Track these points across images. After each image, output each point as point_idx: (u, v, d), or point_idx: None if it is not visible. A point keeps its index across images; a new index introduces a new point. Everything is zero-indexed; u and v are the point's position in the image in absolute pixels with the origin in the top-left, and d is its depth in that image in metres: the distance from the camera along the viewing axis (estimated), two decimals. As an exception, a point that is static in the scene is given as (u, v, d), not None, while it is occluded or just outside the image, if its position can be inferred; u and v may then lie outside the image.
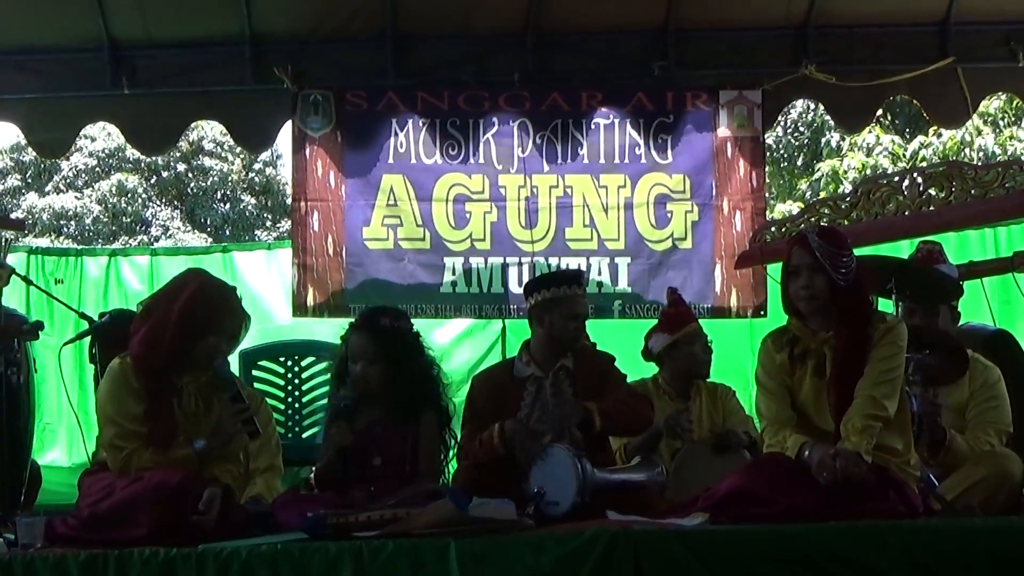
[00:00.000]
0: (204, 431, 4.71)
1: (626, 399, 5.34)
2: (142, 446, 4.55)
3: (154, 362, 4.66)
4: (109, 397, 4.68)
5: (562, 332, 5.41)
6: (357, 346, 5.12)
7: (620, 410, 5.24)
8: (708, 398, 6.34)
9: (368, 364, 5.07)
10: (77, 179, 23.16)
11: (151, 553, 3.90)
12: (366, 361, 5.08)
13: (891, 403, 4.45)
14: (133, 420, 4.60)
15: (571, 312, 5.40)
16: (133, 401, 4.62)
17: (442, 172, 8.18)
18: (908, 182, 6.74)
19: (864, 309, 4.63)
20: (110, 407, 4.65)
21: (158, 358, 4.66)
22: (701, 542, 3.96)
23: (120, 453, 4.57)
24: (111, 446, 4.62)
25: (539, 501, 4.73)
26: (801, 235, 4.71)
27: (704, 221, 8.13)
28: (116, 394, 4.65)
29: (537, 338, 5.50)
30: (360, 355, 5.09)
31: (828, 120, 16.02)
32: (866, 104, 8.34)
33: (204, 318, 4.70)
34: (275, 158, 24.70)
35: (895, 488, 4.39)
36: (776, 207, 16.74)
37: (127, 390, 4.63)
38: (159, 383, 4.66)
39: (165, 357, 4.65)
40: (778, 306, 4.91)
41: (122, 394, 4.64)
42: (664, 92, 8.23)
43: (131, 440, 4.57)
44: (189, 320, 4.66)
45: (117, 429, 4.60)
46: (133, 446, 4.56)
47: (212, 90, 8.27)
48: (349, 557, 3.85)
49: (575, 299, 5.43)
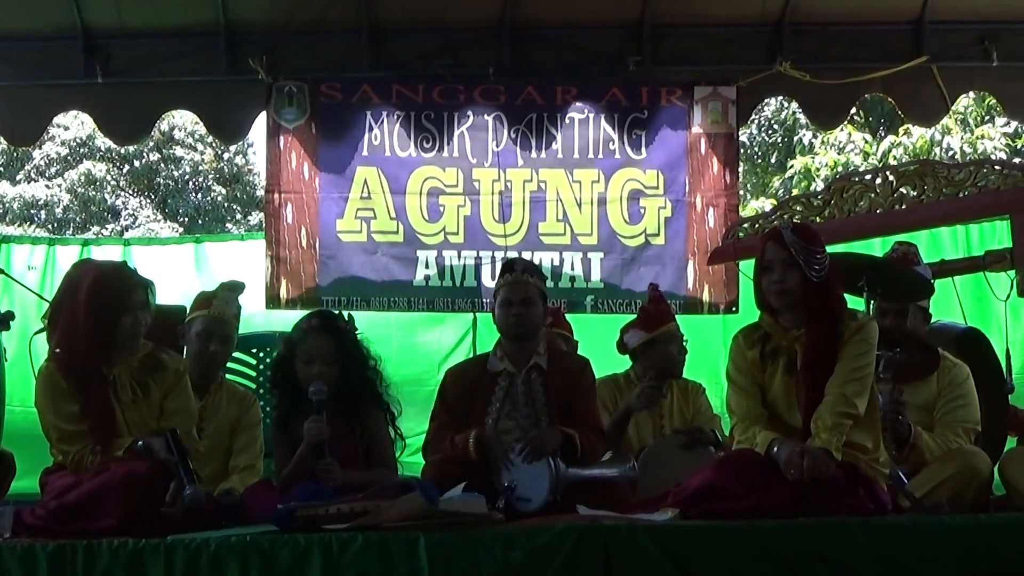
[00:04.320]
0: (145, 417, 4.72)
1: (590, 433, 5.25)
2: (89, 444, 4.55)
3: (77, 360, 4.65)
4: (44, 402, 4.67)
5: (502, 322, 5.40)
6: (316, 347, 5.10)
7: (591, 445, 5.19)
8: (680, 395, 6.33)
9: (327, 365, 5.07)
10: (48, 168, 23.04)
11: (119, 544, 3.89)
12: (324, 363, 5.07)
13: (861, 401, 4.46)
14: (71, 420, 4.60)
15: (504, 298, 5.37)
16: (67, 402, 4.61)
17: (416, 165, 8.19)
18: (881, 180, 6.77)
19: (836, 306, 4.64)
20: (48, 412, 4.65)
21: (79, 355, 4.65)
22: (671, 537, 3.97)
23: (69, 456, 4.56)
24: (59, 450, 4.63)
25: (510, 496, 4.73)
26: (775, 230, 4.70)
27: (677, 217, 8.17)
28: (49, 398, 4.65)
29: (500, 334, 5.51)
30: (318, 356, 5.08)
31: (801, 118, 16.18)
32: (840, 102, 8.38)
33: (112, 301, 4.67)
34: (246, 147, 24.62)
35: (864, 485, 4.40)
36: (749, 204, 16.78)
37: (58, 392, 4.63)
38: (87, 379, 4.64)
39: (86, 352, 4.64)
40: (750, 302, 4.92)
41: (55, 397, 4.63)
42: (639, 87, 8.26)
43: (75, 441, 4.57)
44: (98, 309, 4.65)
45: (59, 433, 4.61)
46: (79, 446, 4.55)
47: (186, 80, 8.25)
48: (319, 549, 3.85)
49: (508, 285, 5.39)
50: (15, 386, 6.47)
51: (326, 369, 5.06)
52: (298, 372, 5.12)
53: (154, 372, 4.81)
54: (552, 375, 5.36)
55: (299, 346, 5.16)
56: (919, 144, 14.88)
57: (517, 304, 5.35)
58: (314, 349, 5.11)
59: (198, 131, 22.79)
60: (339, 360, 5.11)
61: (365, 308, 8.03)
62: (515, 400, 5.30)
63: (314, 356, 5.09)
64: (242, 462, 5.55)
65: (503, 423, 5.25)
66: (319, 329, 5.19)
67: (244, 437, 5.63)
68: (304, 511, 4.16)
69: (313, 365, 5.07)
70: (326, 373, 5.05)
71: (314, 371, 5.05)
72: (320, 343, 5.12)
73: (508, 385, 5.34)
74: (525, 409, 5.29)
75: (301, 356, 5.12)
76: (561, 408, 5.29)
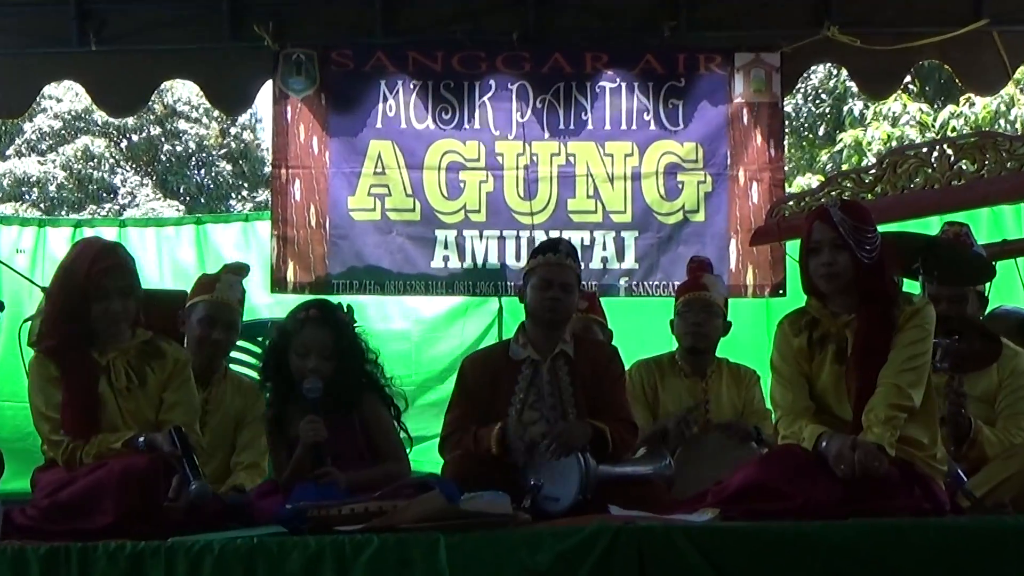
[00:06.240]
0: (142, 406, 4.74)
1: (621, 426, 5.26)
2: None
3: (57, 343, 4.69)
4: (34, 391, 4.71)
5: (535, 305, 5.39)
6: (312, 339, 5.08)
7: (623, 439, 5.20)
8: (730, 379, 6.30)
9: (323, 359, 5.05)
10: (40, 142, 23.12)
11: (117, 547, 3.89)
12: (321, 356, 5.05)
13: (917, 392, 4.44)
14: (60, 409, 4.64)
15: (542, 279, 5.35)
16: (57, 390, 4.65)
17: (434, 138, 8.16)
18: (937, 154, 6.71)
19: (889, 290, 4.61)
20: (38, 401, 4.69)
21: (57, 339, 4.69)
22: (711, 539, 3.94)
23: (59, 447, 4.58)
24: (50, 442, 4.65)
25: (536, 495, 4.73)
26: (822, 209, 4.68)
27: (718, 192, 8.11)
28: (39, 387, 4.69)
29: (527, 317, 5.49)
30: (314, 349, 5.06)
31: (851, 87, 16.11)
32: (893, 69, 8.30)
33: (80, 288, 4.69)
34: (254, 122, 24.71)
35: (920, 484, 4.39)
36: (795, 180, 16.72)
37: (47, 380, 4.67)
38: (74, 364, 4.68)
39: (64, 336, 4.68)
40: (798, 286, 4.89)
41: (44, 385, 4.68)
42: (675, 54, 8.21)
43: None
44: (66, 295, 4.70)
45: (50, 424, 4.64)
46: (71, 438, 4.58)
47: (187, 48, 8.22)
48: (330, 552, 3.84)
49: (548, 266, 5.37)
50: (3, 380, 6.50)
51: (322, 364, 5.04)
52: (292, 365, 5.10)
53: (151, 360, 4.83)
54: (579, 363, 5.36)
55: (294, 337, 5.13)
56: (982, 116, 14.79)
57: (556, 288, 5.34)
58: (310, 342, 5.08)
59: (203, 104, 22.82)
60: (336, 354, 5.08)
61: (379, 292, 8.04)
62: (540, 390, 5.30)
63: (310, 349, 5.06)
64: (246, 459, 5.57)
65: (527, 414, 5.25)
66: (316, 320, 5.15)
67: (249, 432, 5.64)
68: (315, 511, 4.17)
69: (309, 359, 5.04)
70: (322, 368, 5.03)
71: (309, 365, 5.02)
72: (317, 335, 5.09)
73: (532, 374, 5.34)
74: (551, 399, 5.29)
75: (296, 348, 5.09)
76: (589, 399, 5.29)
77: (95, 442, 4.53)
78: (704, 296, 6.24)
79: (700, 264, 6.58)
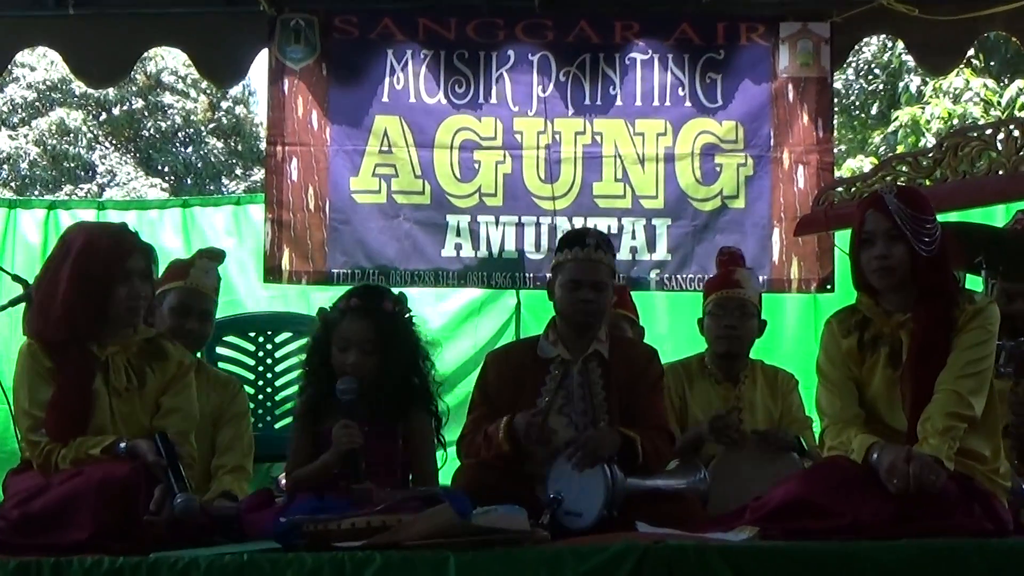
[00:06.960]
0: (137, 410, 4.75)
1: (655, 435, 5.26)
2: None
3: (56, 334, 4.69)
4: (20, 384, 4.72)
5: (564, 306, 5.38)
6: (352, 332, 5.03)
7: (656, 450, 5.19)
8: (766, 385, 6.26)
9: (364, 355, 5.00)
10: (12, 115, 23.19)
11: (93, 562, 3.90)
12: (361, 351, 5.01)
13: (978, 400, 4.43)
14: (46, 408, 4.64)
15: (571, 278, 5.33)
16: (46, 385, 4.66)
17: (446, 114, 8.16)
18: (1003, 135, 6.71)
19: (948, 286, 4.61)
20: (22, 395, 4.70)
21: (55, 328, 4.69)
22: (749, 561, 3.94)
23: (36, 448, 4.60)
24: (28, 441, 4.67)
25: (556, 509, 4.73)
26: (876, 196, 4.67)
27: (760, 176, 8.09)
28: (27, 380, 4.70)
29: (557, 315, 5.49)
30: (355, 343, 5.02)
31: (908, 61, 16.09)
32: (955, 41, 8.26)
33: (104, 267, 4.71)
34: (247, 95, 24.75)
35: (981, 500, 4.38)
36: (846, 163, 16.71)
37: (37, 373, 4.68)
38: (72, 358, 4.69)
39: (65, 325, 4.68)
40: (847, 281, 4.89)
41: (33, 379, 4.68)
42: (714, 23, 8.20)
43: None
44: (87, 275, 4.69)
45: (31, 421, 4.65)
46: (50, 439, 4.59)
47: (173, 12, 8.21)
48: (329, 571, 3.85)
49: (576, 263, 5.35)
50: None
51: (362, 360, 5.00)
52: (333, 360, 5.07)
53: (153, 360, 4.84)
54: (614, 366, 5.36)
55: (334, 329, 5.09)
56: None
57: (587, 287, 5.32)
58: (350, 334, 5.04)
59: (191, 75, 22.86)
60: (379, 349, 5.03)
61: (383, 283, 8.00)
62: (570, 393, 5.31)
63: (350, 342, 5.03)
64: (229, 461, 5.57)
65: (554, 419, 5.21)
66: (357, 311, 5.09)
67: (229, 431, 5.65)
68: (312, 526, 4.17)
69: (349, 353, 5.02)
70: (362, 364, 4.99)
71: (349, 360, 5.00)
72: (356, 327, 5.04)
73: (562, 375, 5.33)
74: (581, 404, 5.29)
75: (337, 342, 5.06)
76: (623, 404, 5.29)
77: (73, 446, 4.53)
78: (738, 295, 6.20)
79: (732, 256, 6.50)
